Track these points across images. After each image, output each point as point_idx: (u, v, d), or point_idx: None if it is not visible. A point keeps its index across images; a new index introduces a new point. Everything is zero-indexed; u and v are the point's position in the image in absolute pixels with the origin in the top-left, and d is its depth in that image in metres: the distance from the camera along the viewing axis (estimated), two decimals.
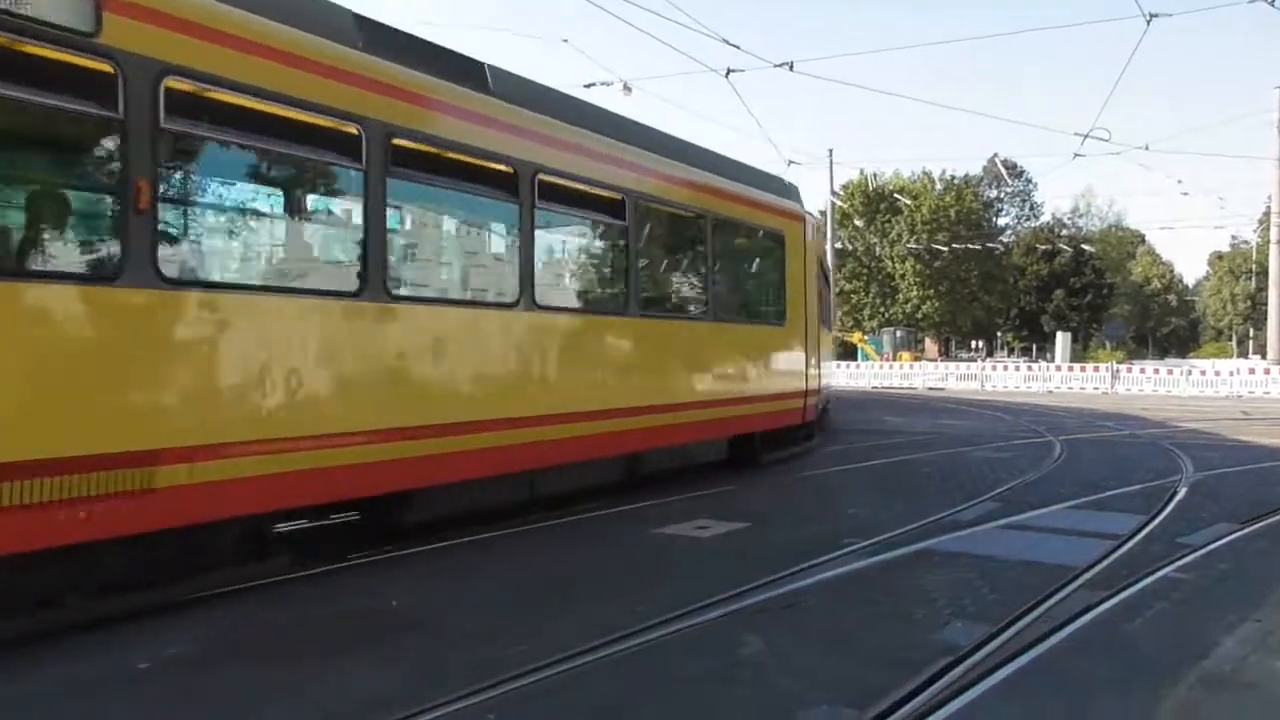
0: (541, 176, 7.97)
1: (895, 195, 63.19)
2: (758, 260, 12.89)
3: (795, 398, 12.94)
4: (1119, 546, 7.24)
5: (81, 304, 5.00)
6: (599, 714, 4.03)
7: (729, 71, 18.78)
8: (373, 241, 6.53)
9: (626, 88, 21.18)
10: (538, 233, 8.15)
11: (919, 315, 63.77)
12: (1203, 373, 34.57)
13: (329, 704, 4.08)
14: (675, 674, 4.43)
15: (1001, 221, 75.70)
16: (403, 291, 7.39)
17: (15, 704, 4.12)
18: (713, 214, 10.78)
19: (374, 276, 6.51)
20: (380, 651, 4.79)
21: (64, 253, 5.38)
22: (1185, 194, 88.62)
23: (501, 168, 7.69)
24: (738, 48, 17.87)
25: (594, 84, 19.94)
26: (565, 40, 51.28)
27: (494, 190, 7.96)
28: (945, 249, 60.40)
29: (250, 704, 4.10)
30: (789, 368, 12.82)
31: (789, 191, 13.62)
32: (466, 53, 7.88)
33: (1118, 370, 35.52)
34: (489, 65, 7.92)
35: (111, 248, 5.25)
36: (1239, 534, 7.78)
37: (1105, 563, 6.71)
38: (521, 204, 7.87)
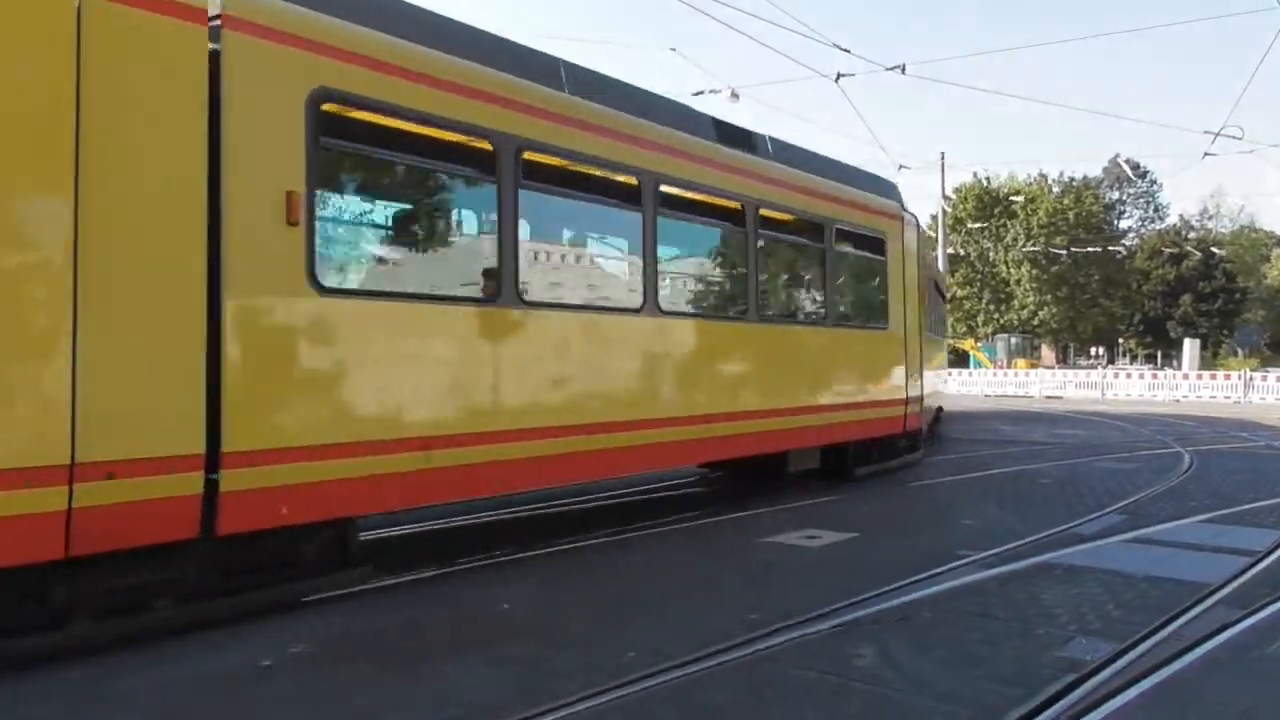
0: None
1: (1010, 198, 61.44)
2: None
3: None
4: (1256, 562, 6.88)
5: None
6: None
7: (839, 76, 18.63)
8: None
9: (734, 94, 21.18)
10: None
11: (1035, 321, 61.82)
12: None
13: (444, 707, 4.16)
14: (788, 684, 4.39)
15: (1124, 224, 72.98)
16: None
17: (143, 696, 4.31)
18: None
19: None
20: (492, 656, 4.87)
21: None
22: None
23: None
24: (848, 51, 17.69)
25: (702, 91, 20.03)
26: (673, 49, 51.38)
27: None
28: (1064, 253, 58.43)
29: (366, 705, 4.21)
30: None
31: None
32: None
33: (1251, 378, 33.77)
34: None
35: None
36: None
37: (1241, 579, 6.39)
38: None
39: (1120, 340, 69.47)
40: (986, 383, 39.32)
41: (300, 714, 4.15)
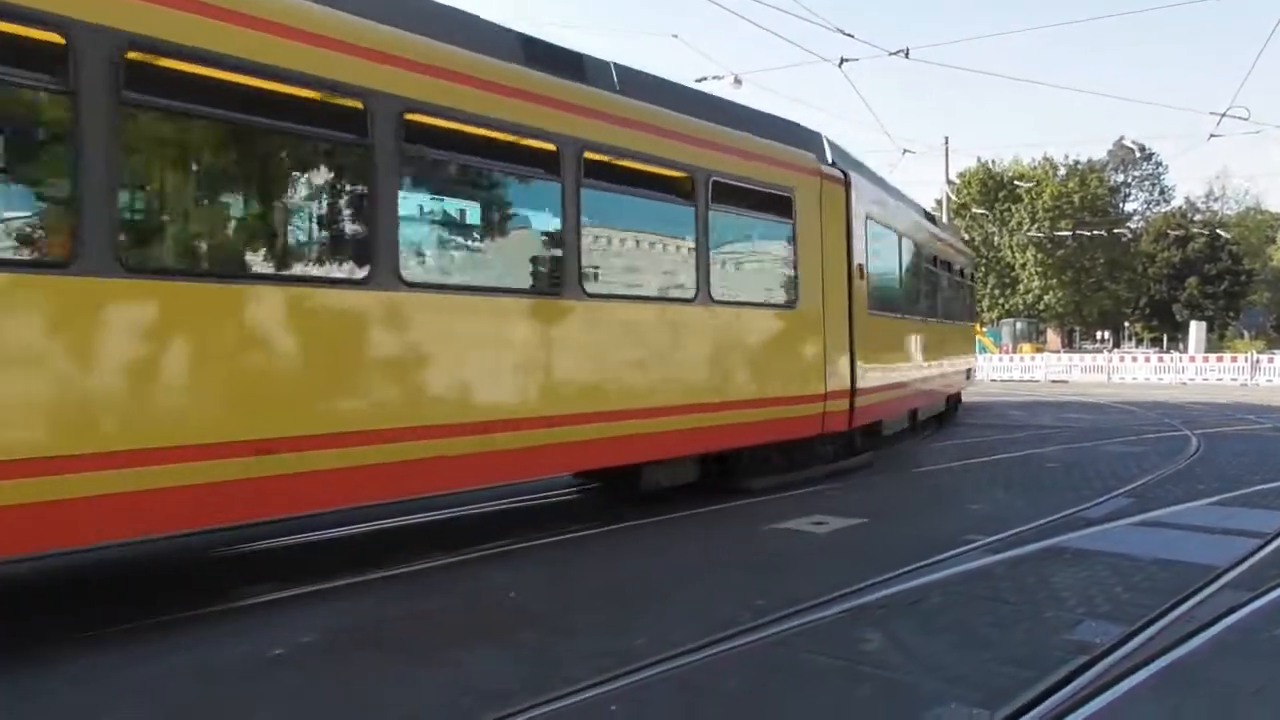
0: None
1: (1015, 182, 61.25)
2: None
3: None
4: (1265, 544, 6.85)
5: None
6: (722, 708, 4.02)
7: (842, 61, 18.60)
8: None
9: (737, 80, 21.11)
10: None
11: (1040, 306, 61.70)
12: None
13: (454, 695, 4.17)
14: (798, 669, 4.39)
15: (1129, 207, 72.68)
16: None
17: (153, 686, 4.33)
18: None
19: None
20: (501, 643, 4.89)
21: None
22: None
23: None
24: (851, 36, 17.72)
25: (705, 78, 20.00)
26: (675, 35, 51.37)
27: None
28: (1068, 236, 58.28)
29: (377, 694, 4.22)
30: None
31: None
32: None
33: (1258, 360, 33.67)
34: None
35: None
36: None
37: (1250, 561, 6.37)
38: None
39: (1126, 324, 69.32)
40: (992, 368, 39.25)
41: (312, 702, 4.15)
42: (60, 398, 4.68)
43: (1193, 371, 34.18)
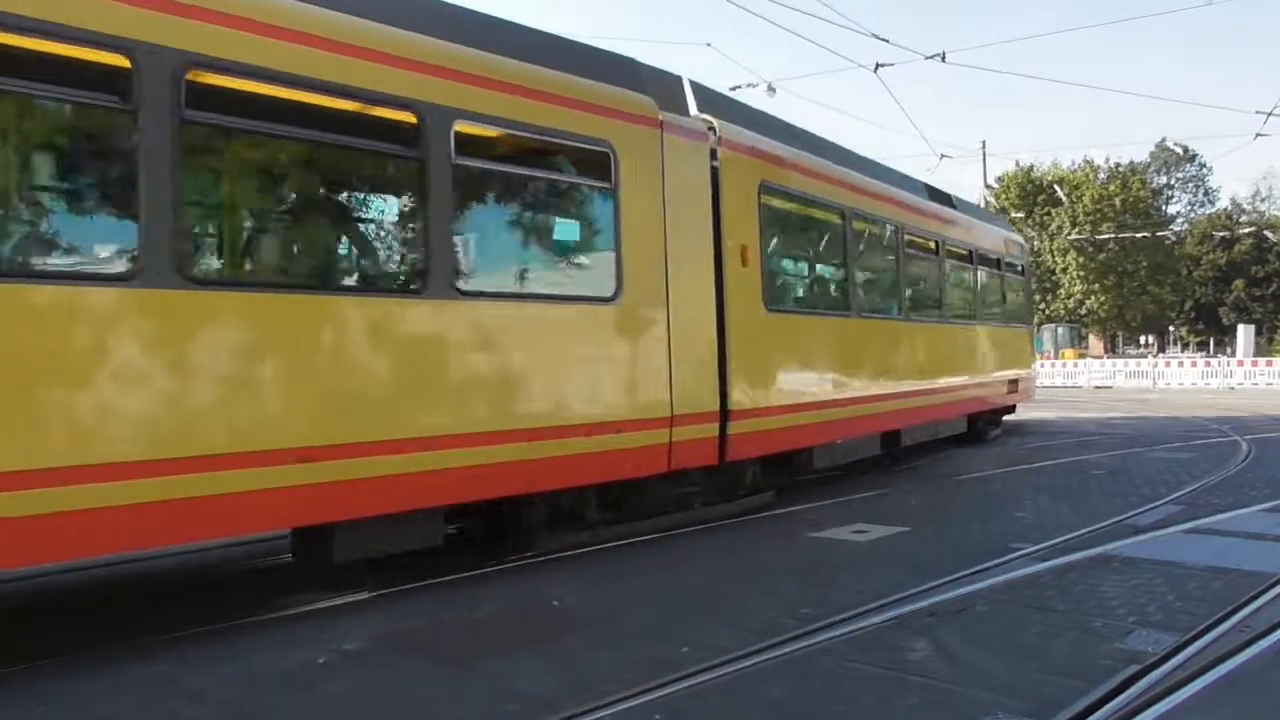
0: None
1: (1054, 186, 60.55)
2: None
3: None
4: None
5: None
6: (767, 717, 3.99)
7: (878, 66, 18.52)
8: None
9: (770, 88, 21.09)
10: None
11: (1082, 311, 60.89)
12: None
13: (497, 702, 4.18)
14: (844, 677, 4.36)
15: (1172, 209, 71.56)
16: None
17: (214, 691, 4.38)
18: None
19: None
20: (546, 651, 4.89)
21: None
22: None
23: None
24: (886, 41, 17.65)
25: (739, 86, 19.98)
26: (708, 44, 51.51)
27: None
28: (1110, 240, 57.49)
29: (423, 700, 4.25)
30: None
31: None
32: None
33: None
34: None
35: None
36: None
37: None
38: None
39: (1171, 328, 68.20)
40: None
41: (357, 709, 4.19)
42: (432, 384, 6.23)
43: (1241, 376, 33.55)
